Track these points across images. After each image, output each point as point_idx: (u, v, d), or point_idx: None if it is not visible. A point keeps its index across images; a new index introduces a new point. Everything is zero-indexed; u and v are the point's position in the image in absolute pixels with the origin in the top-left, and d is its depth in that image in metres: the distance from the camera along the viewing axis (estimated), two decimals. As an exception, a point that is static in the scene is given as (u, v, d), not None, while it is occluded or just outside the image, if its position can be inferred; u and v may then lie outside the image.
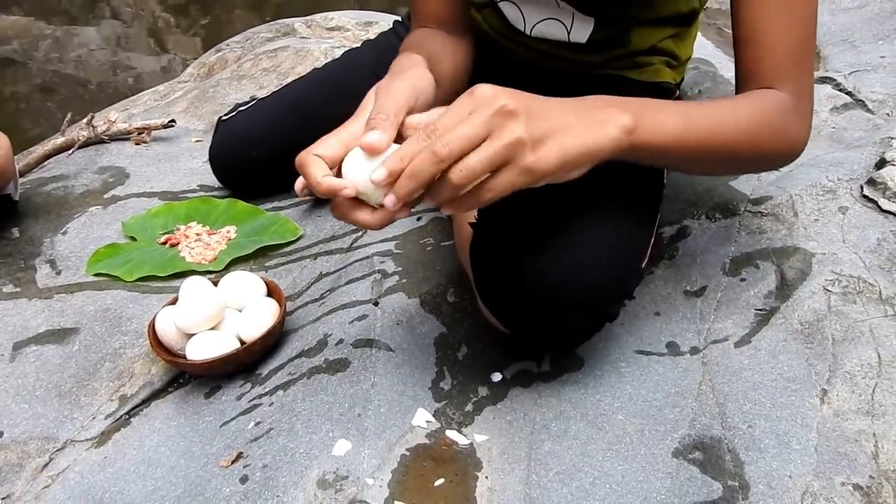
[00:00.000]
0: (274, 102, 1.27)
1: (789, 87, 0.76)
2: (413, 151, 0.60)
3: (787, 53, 0.76)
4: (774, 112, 0.75)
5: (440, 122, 0.61)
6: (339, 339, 0.91)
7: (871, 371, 0.76)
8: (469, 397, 0.83)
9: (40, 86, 3.39)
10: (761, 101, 0.75)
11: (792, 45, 0.76)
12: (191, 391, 0.91)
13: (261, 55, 1.82)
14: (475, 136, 0.59)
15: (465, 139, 0.59)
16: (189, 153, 1.46)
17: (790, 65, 0.76)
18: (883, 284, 0.83)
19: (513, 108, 0.60)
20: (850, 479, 0.68)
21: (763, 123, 0.74)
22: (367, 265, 1.03)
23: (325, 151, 0.65)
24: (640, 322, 0.89)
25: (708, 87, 1.29)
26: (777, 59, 0.76)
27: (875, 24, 1.47)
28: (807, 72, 0.78)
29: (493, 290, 0.78)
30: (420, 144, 0.60)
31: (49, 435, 0.87)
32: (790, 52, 0.76)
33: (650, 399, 0.79)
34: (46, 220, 1.26)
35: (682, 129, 0.69)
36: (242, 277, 0.98)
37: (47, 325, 1.02)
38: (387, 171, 0.60)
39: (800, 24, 0.76)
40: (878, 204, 0.92)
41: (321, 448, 0.77)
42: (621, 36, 0.95)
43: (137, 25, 4.08)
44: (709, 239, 0.96)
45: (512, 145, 0.59)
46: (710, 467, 0.71)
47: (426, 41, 0.89)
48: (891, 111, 1.15)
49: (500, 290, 0.77)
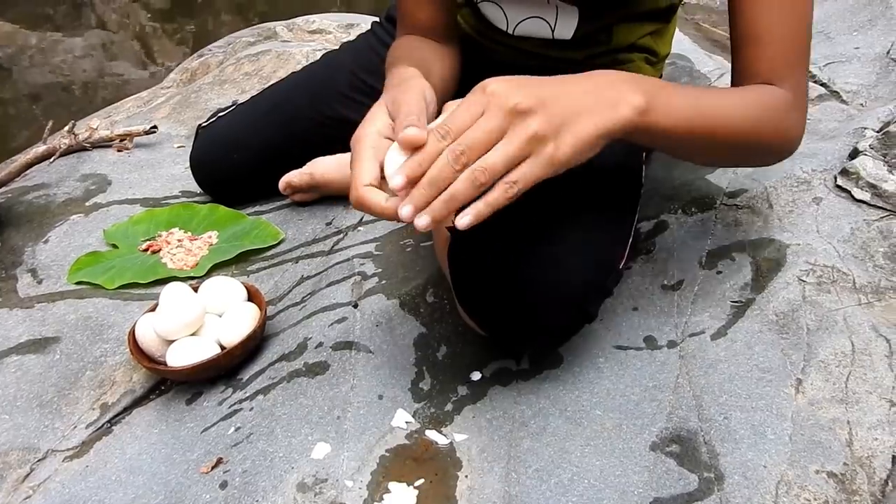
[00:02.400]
0: (254, 106, 1.27)
1: (788, 84, 0.76)
2: (431, 153, 0.59)
3: (785, 51, 0.76)
4: (776, 107, 0.75)
5: (453, 123, 0.60)
6: (318, 342, 0.91)
7: (845, 359, 0.76)
8: (449, 397, 0.83)
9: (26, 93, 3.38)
10: (765, 95, 0.75)
11: (790, 43, 0.76)
12: (172, 398, 0.91)
13: (243, 59, 1.82)
14: (492, 139, 0.59)
15: (483, 143, 0.59)
16: (171, 159, 1.46)
17: (789, 62, 0.76)
18: (856, 273, 0.84)
19: (526, 106, 0.59)
20: (824, 466, 0.68)
21: (766, 117, 0.74)
22: (348, 267, 1.03)
23: (370, 177, 0.63)
24: (618, 317, 0.89)
25: (685, 83, 1.30)
26: (776, 57, 0.76)
27: (849, 15, 1.48)
28: (803, 69, 0.78)
29: (471, 292, 0.78)
30: (437, 146, 0.59)
31: (30, 445, 0.87)
32: (789, 50, 0.76)
33: (628, 394, 0.80)
34: (28, 230, 1.25)
35: (693, 113, 0.69)
36: (222, 282, 0.98)
37: (28, 334, 1.02)
38: (405, 177, 0.59)
39: (798, 22, 0.76)
40: (852, 194, 0.93)
41: (300, 452, 0.77)
42: (604, 33, 0.95)
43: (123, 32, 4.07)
44: (686, 233, 0.96)
45: (529, 141, 0.59)
46: (686, 460, 0.72)
47: (415, 51, 0.88)
48: (864, 102, 1.16)
49: (477, 292, 0.78)
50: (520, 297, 0.75)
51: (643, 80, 0.67)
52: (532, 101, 0.60)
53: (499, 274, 0.75)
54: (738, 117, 0.72)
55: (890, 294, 0.82)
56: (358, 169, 0.63)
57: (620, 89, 0.64)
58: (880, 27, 1.40)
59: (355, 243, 1.09)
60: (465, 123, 0.60)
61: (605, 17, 0.93)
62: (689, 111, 0.68)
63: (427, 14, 0.91)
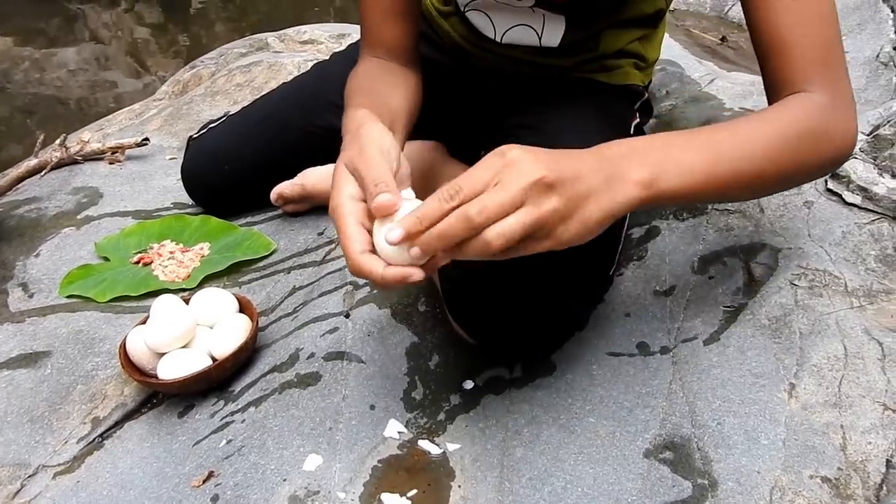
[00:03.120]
0: (245, 117, 1.27)
1: (822, 87, 0.72)
2: (433, 212, 0.57)
3: (813, 53, 0.72)
4: (812, 117, 0.71)
5: (465, 185, 0.58)
6: (310, 352, 0.91)
7: (838, 363, 0.76)
8: (441, 406, 0.83)
9: (19, 107, 3.38)
10: (796, 110, 0.71)
11: (816, 44, 0.72)
12: (164, 411, 0.91)
13: (234, 70, 1.82)
14: (512, 206, 0.57)
15: (503, 208, 0.56)
16: (163, 171, 1.46)
17: (818, 64, 0.72)
18: (848, 277, 0.84)
19: (552, 181, 0.57)
20: (818, 471, 0.68)
21: (803, 133, 0.70)
22: (340, 277, 1.03)
23: (361, 244, 0.62)
24: (610, 324, 0.89)
25: (675, 88, 1.30)
26: (804, 61, 0.72)
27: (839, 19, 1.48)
28: (838, 67, 0.74)
29: (461, 300, 0.78)
30: (442, 206, 0.57)
31: (21, 461, 0.86)
32: (816, 52, 0.72)
33: (621, 400, 0.79)
34: (19, 243, 1.25)
35: (711, 164, 0.65)
36: (214, 294, 0.98)
37: (19, 349, 1.01)
38: (404, 230, 0.58)
39: (820, 22, 0.73)
40: (843, 197, 0.93)
41: (292, 464, 0.77)
42: (591, 39, 0.95)
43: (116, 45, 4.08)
44: (677, 238, 0.96)
45: (549, 216, 0.57)
46: (680, 466, 0.71)
47: (375, 81, 0.85)
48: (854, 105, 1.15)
49: (466, 300, 0.77)
50: (508, 304, 0.74)
51: (651, 147, 0.65)
52: (555, 175, 0.57)
53: (487, 281, 0.75)
54: (765, 147, 0.68)
55: (882, 297, 0.82)
56: (346, 239, 0.62)
57: (624, 166, 0.62)
58: (869, 31, 1.41)
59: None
60: (477, 188, 0.57)
61: (592, 25, 0.93)
62: (707, 164, 0.65)
63: (391, 33, 0.88)
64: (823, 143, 0.71)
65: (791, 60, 0.73)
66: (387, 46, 0.89)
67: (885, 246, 0.87)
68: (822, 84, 0.72)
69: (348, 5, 4.27)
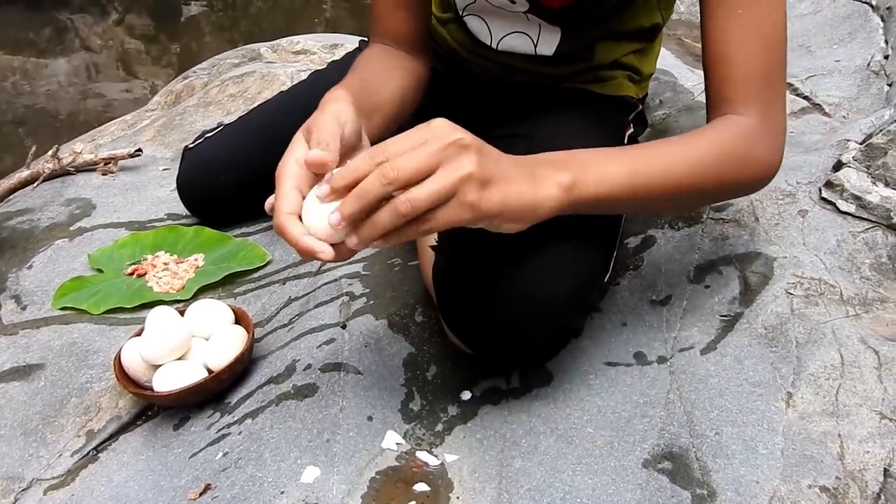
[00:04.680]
0: (241, 127, 1.26)
1: (756, 110, 0.74)
2: (358, 169, 0.61)
3: (754, 74, 0.74)
4: (737, 142, 0.74)
5: (390, 147, 0.61)
6: (307, 363, 0.90)
7: (835, 372, 0.76)
8: (439, 417, 0.82)
9: (10, 118, 3.36)
10: (723, 133, 0.74)
11: (760, 65, 0.74)
12: (159, 423, 0.90)
13: (227, 81, 1.82)
14: (426, 165, 0.59)
15: (416, 165, 0.59)
16: (156, 182, 1.45)
17: (758, 86, 0.74)
18: (843, 285, 0.84)
19: (467, 143, 0.60)
20: (816, 481, 0.68)
21: (725, 155, 0.73)
22: (336, 288, 1.03)
23: (291, 206, 0.66)
24: (607, 333, 0.89)
25: (668, 97, 1.31)
26: (745, 80, 0.74)
27: (829, 28, 1.50)
28: (775, 93, 0.76)
29: (456, 310, 0.78)
30: (366, 164, 0.60)
31: (14, 475, 0.86)
32: (758, 73, 0.74)
33: (619, 410, 0.79)
34: (12, 255, 1.24)
35: (629, 176, 0.69)
36: (209, 305, 0.97)
37: (12, 361, 1.00)
38: (330, 187, 0.62)
39: (768, 44, 0.75)
40: (837, 206, 0.94)
41: (289, 476, 0.76)
42: (586, 49, 0.96)
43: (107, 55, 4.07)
44: (673, 248, 0.96)
45: (460, 179, 0.60)
46: (678, 476, 0.71)
47: (372, 69, 0.88)
48: (847, 114, 1.17)
49: (462, 310, 0.77)
50: (503, 313, 0.74)
51: (577, 155, 0.69)
52: (474, 142, 0.61)
53: (482, 291, 0.75)
54: (686, 167, 0.71)
55: (877, 306, 0.83)
56: (279, 199, 0.66)
57: (546, 169, 0.66)
58: (860, 40, 1.42)
59: (343, 263, 1.08)
60: (400, 150, 0.60)
61: (587, 35, 0.94)
62: (626, 176, 0.69)
63: (398, 22, 0.91)
64: (746, 168, 0.75)
65: (731, 77, 0.75)
66: (395, 35, 0.92)
67: (879, 254, 0.88)
68: (756, 108, 0.74)
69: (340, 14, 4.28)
